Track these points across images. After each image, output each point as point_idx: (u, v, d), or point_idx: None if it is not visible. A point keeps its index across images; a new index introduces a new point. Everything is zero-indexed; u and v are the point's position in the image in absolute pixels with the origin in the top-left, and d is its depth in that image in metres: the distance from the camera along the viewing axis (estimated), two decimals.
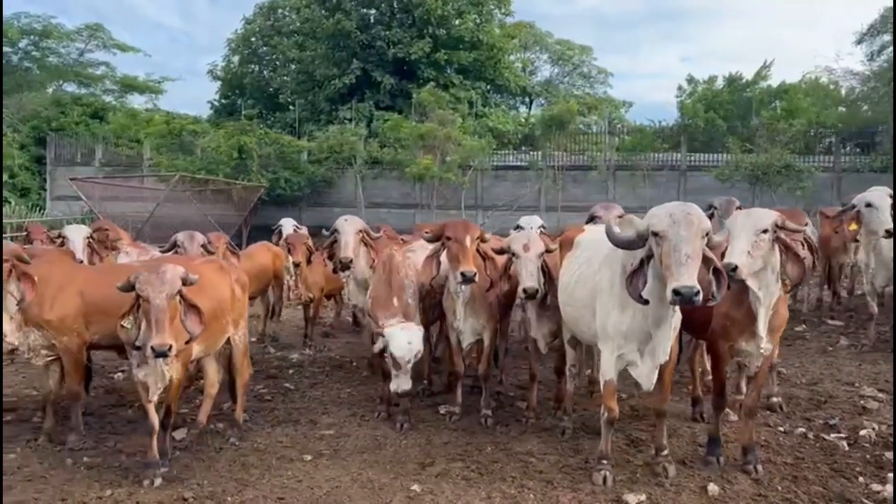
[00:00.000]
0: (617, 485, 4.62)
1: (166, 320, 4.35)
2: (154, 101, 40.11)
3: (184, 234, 7.56)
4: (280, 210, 22.84)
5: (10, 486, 4.83)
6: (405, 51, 29.24)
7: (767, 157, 20.39)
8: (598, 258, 4.76)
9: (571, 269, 5.22)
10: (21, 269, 5.22)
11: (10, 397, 7.09)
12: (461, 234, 5.46)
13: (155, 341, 4.29)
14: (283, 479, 4.93)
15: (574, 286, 5.08)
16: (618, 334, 4.46)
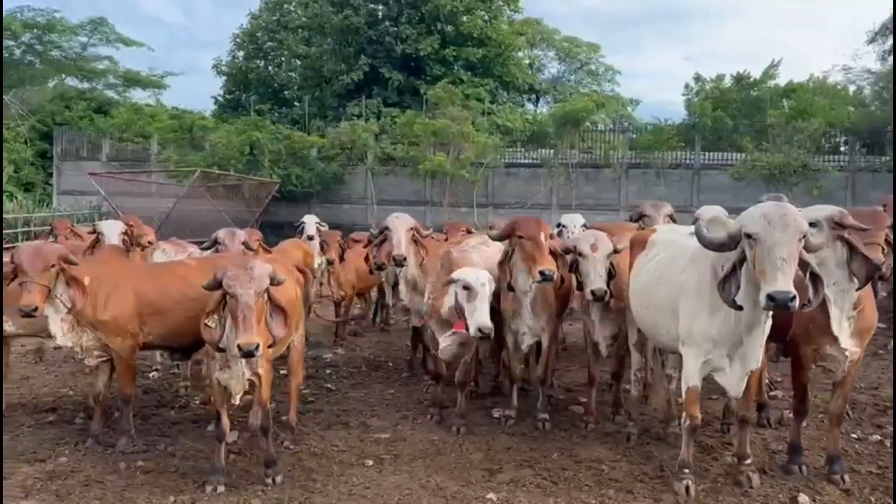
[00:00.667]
0: (700, 494, 4.47)
1: (254, 318, 4.15)
2: (157, 96, 39.87)
3: (224, 231, 7.40)
4: (290, 207, 22.67)
5: (69, 490, 4.68)
6: (413, 47, 29.02)
7: (784, 157, 20.27)
8: (682, 259, 4.61)
9: (648, 270, 5.05)
10: (69, 273, 5.01)
11: (46, 397, 6.96)
12: (535, 231, 5.28)
13: (242, 339, 4.09)
14: (349, 486, 4.77)
15: (653, 288, 4.90)
16: (706, 339, 4.30)
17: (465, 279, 5.07)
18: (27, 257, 4.80)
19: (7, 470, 5.00)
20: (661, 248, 5.09)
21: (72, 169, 27.03)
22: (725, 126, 26.80)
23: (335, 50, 30.57)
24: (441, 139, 21.89)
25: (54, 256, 4.90)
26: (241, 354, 4.13)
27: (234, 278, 4.21)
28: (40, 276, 4.77)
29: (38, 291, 4.74)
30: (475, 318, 4.91)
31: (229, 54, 35.99)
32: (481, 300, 4.94)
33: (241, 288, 4.17)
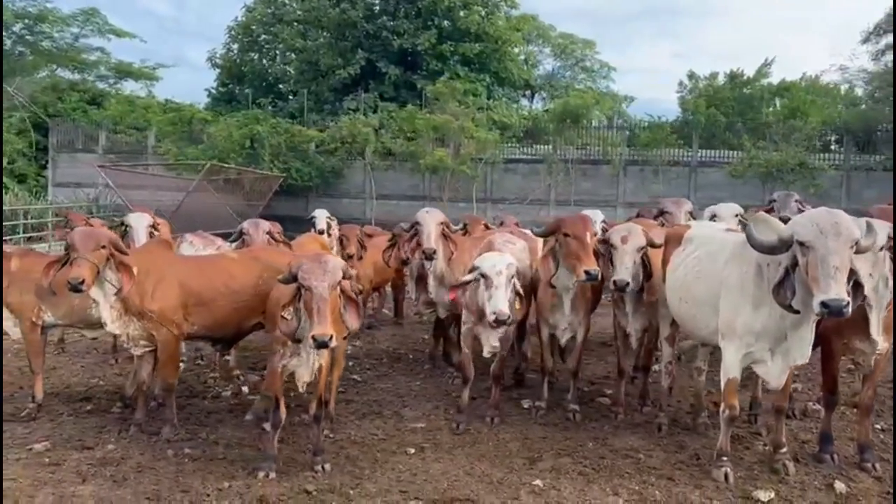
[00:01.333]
0: (738, 481, 4.64)
1: (328, 310, 4.28)
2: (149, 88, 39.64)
3: (249, 222, 7.52)
4: (289, 200, 22.73)
5: (124, 476, 4.79)
6: (411, 42, 29.07)
7: (782, 155, 20.54)
8: (723, 254, 4.76)
9: (686, 265, 5.18)
10: (119, 259, 5.16)
11: (78, 387, 7.05)
12: (581, 230, 5.41)
13: (316, 331, 4.21)
14: (396, 473, 4.91)
15: (693, 282, 5.03)
16: (748, 333, 4.45)
17: (480, 267, 5.24)
18: (80, 237, 5.04)
19: (57, 456, 5.11)
20: (698, 244, 5.21)
21: (67, 161, 26.93)
22: (719, 124, 27.03)
23: (332, 44, 30.54)
24: (442, 134, 21.98)
25: (106, 239, 5.09)
26: (315, 346, 4.25)
27: (309, 272, 4.34)
28: (91, 254, 4.95)
29: (87, 267, 4.92)
30: (491, 305, 5.06)
31: (224, 47, 35.88)
32: (497, 287, 5.08)
33: (316, 281, 4.30)
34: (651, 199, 21.98)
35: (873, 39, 26.19)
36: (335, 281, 4.40)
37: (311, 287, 4.32)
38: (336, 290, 4.44)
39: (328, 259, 4.50)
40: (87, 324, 6.26)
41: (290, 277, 4.47)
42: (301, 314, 4.50)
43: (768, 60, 33.16)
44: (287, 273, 4.53)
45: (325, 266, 4.40)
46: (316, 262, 4.42)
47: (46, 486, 4.62)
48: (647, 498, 4.48)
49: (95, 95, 33.21)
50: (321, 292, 4.30)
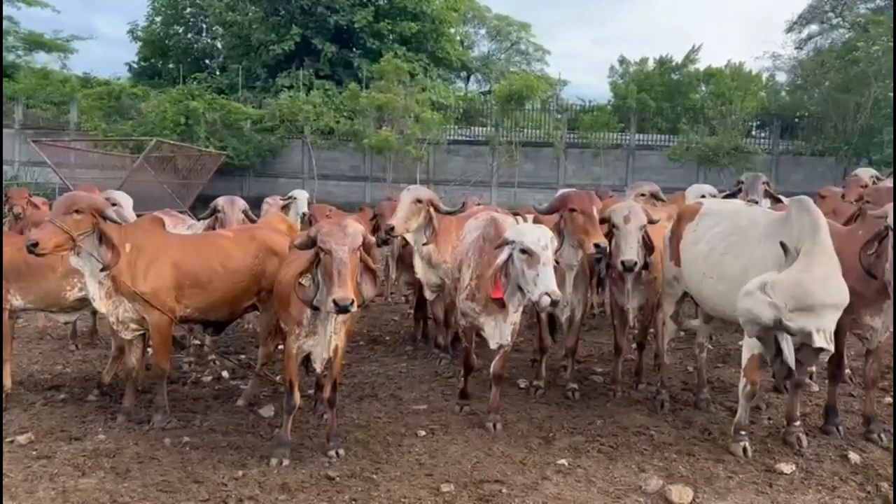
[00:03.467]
0: (756, 455, 4.72)
1: (349, 274, 4.08)
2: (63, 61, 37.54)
3: (224, 199, 7.15)
4: (224, 180, 21.94)
5: (126, 468, 4.48)
6: (347, 19, 28.51)
7: (718, 139, 21.17)
8: (756, 231, 4.78)
9: (708, 240, 5.13)
10: (102, 229, 4.77)
11: (42, 374, 6.64)
12: (588, 204, 5.34)
13: (338, 294, 3.98)
14: (414, 455, 4.78)
15: (719, 258, 4.99)
16: None
17: (523, 241, 4.54)
18: (58, 201, 4.71)
19: (46, 448, 4.77)
20: (719, 219, 5.19)
21: None
22: (650, 108, 27.59)
23: (264, 18, 29.61)
24: (385, 114, 21.67)
25: (85, 204, 4.71)
26: (336, 310, 4.03)
27: (329, 235, 4.14)
28: (61, 217, 4.59)
29: (50, 231, 4.55)
30: (541, 285, 4.39)
31: (146, 19, 34.36)
32: (545, 264, 4.46)
33: (337, 244, 4.10)
34: (591, 181, 22.37)
35: (797, 28, 27.28)
36: (356, 245, 4.22)
37: (331, 250, 4.11)
38: (356, 255, 4.25)
39: (348, 223, 4.31)
40: (60, 308, 5.85)
41: (309, 242, 4.26)
42: (319, 281, 4.30)
43: (695, 47, 34.03)
44: (304, 238, 4.32)
45: (346, 230, 4.21)
46: (336, 226, 4.23)
47: (43, 481, 4.28)
48: (674, 473, 4.49)
49: (6, 67, 31.18)
50: (342, 256, 4.11)
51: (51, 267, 5.55)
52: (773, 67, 27.66)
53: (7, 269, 5.51)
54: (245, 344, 7.85)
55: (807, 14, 26.78)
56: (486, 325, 5.19)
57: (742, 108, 22.48)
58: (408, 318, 9.10)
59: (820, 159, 22.12)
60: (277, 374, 6.43)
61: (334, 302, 4.01)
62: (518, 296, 4.73)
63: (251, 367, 6.87)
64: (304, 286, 4.30)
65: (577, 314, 6.02)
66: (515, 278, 4.64)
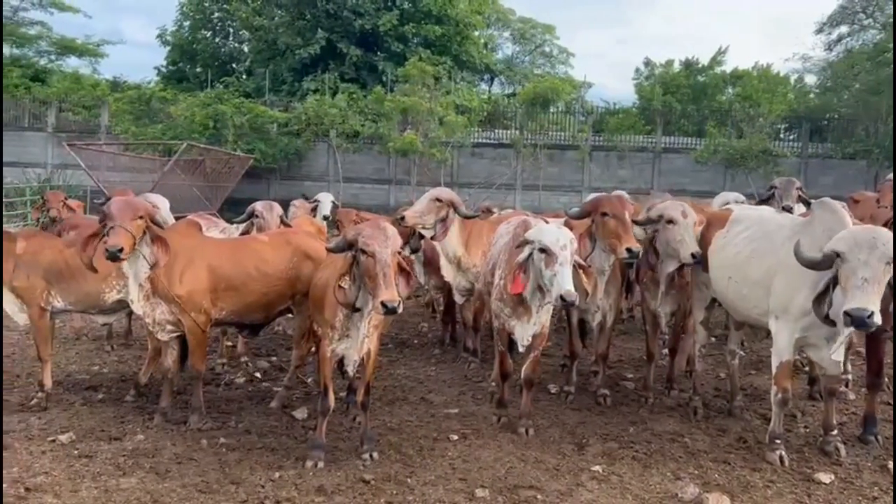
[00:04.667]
0: (793, 464, 4.68)
1: (392, 276, 4.12)
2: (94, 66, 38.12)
3: (262, 204, 7.24)
4: (251, 183, 22.13)
5: (166, 468, 4.55)
6: (372, 22, 28.66)
7: (746, 141, 20.97)
8: (781, 234, 4.78)
9: (736, 244, 5.14)
10: (155, 232, 4.91)
11: (80, 374, 6.75)
12: (619, 209, 5.33)
13: (386, 296, 4.01)
14: (447, 459, 4.80)
15: (745, 262, 4.99)
16: (804, 314, 4.45)
17: (541, 241, 4.67)
18: (117, 206, 4.79)
19: (87, 448, 4.85)
20: (748, 224, 5.20)
21: (13, 140, 25.67)
22: (675, 110, 27.41)
23: (290, 22, 29.89)
24: (410, 117, 21.74)
25: (143, 209, 4.85)
26: (384, 312, 4.07)
27: (371, 237, 4.17)
28: (129, 223, 4.72)
29: (124, 235, 4.67)
30: (557, 285, 4.50)
31: (175, 24, 34.80)
32: (562, 264, 4.54)
33: (380, 247, 4.14)
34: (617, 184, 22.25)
35: (826, 30, 26.95)
36: (396, 247, 4.26)
37: (374, 253, 4.15)
38: (396, 256, 4.28)
39: (387, 226, 4.35)
40: (99, 309, 5.96)
41: (346, 245, 4.30)
42: (358, 284, 4.34)
43: (722, 49, 33.76)
44: (341, 241, 4.37)
45: (386, 232, 4.25)
46: (377, 229, 4.27)
47: (85, 480, 4.36)
48: (710, 482, 4.47)
49: (39, 72, 31.78)
50: (385, 258, 4.14)
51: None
52: (803, 69, 27.36)
53: (49, 270, 5.63)
54: (276, 346, 7.92)
55: (837, 15, 26.42)
56: (515, 326, 5.22)
57: (771, 110, 22.22)
58: (433, 322, 9.14)
59: (850, 163, 21.84)
60: (309, 376, 6.50)
61: (383, 304, 4.04)
62: (538, 295, 4.84)
63: (283, 370, 6.97)
64: (344, 289, 4.35)
65: (608, 319, 6.01)
66: (535, 277, 4.73)
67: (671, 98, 29.00)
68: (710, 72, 33.74)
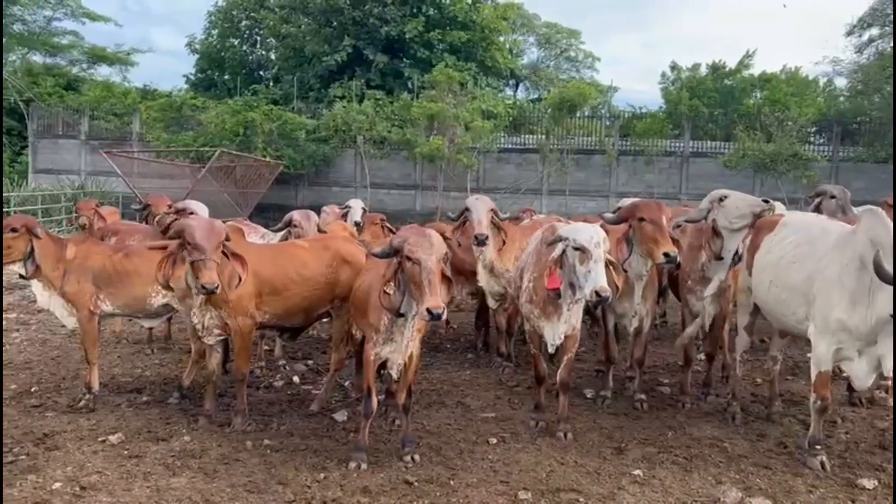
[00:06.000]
0: (835, 469, 4.68)
1: (438, 283, 4.19)
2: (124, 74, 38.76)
3: (299, 213, 7.36)
4: (279, 189, 22.40)
5: (214, 468, 4.67)
6: (398, 29, 28.82)
7: (776, 145, 20.78)
8: (824, 243, 4.76)
9: (780, 248, 5.12)
10: (230, 249, 5.01)
11: (123, 377, 6.88)
12: (657, 214, 5.35)
13: (430, 303, 4.08)
14: (489, 462, 4.86)
15: (787, 267, 4.98)
16: (841, 328, 4.41)
17: (576, 238, 4.77)
18: (203, 234, 4.79)
19: (136, 448, 4.97)
20: (794, 229, 5.18)
21: (48, 147, 26.23)
22: (702, 114, 27.22)
23: (317, 30, 30.16)
24: (437, 123, 21.84)
25: (224, 234, 4.93)
26: (429, 318, 4.13)
27: (417, 244, 4.25)
28: (216, 253, 4.79)
29: (216, 270, 4.74)
30: (591, 281, 4.59)
31: (203, 32, 35.30)
32: (596, 261, 4.65)
33: (425, 254, 4.21)
34: (644, 189, 22.20)
35: (857, 32, 26.65)
36: (441, 254, 4.33)
37: (419, 260, 4.22)
38: (441, 263, 4.35)
39: (431, 233, 4.42)
40: (146, 313, 6.10)
41: (391, 252, 4.38)
42: (403, 290, 4.41)
43: (749, 52, 33.46)
44: (387, 247, 4.45)
45: (431, 239, 4.32)
46: (422, 236, 4.34)
47: (137, 479, 4.48)
48: (752, 486, 4.48)
49: (71, 80, 32.38)
50: (430, 265, 4.21)
51: (138, 273, 5.82)
52: (833, 72, 27.03)
53: (98, 275, 5.78)
54: (312, 350, 8.03)
55: (867, 17, 26.12)
56: (544, 328, 5.30)
57: (801, 113, 22.00)
58: (467, 326, 9.19)
59: (882, 166, 21.57)
60: (346, 379, 6.59)
61: (428, 311, 4.11)
62: (569, 292, 4.89)
63: (320, 373, 7.08)
64: (389, 294, 4.42)
65: (645, 324, 6.04)
66: (568, 274, 4.80)
67: (698, 102, 28.82)
68: (737, 75, 33.46)
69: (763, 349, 8.12)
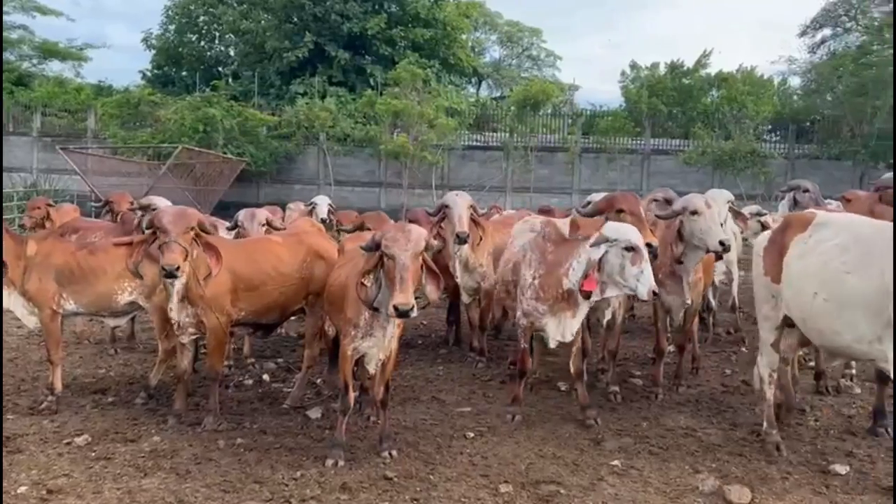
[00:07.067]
0: (808, 456, 4.76)
1: (410, 280, 4.12)
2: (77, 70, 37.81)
3: (244, 212, 7.19)
4: (240, 187, 22.05)
5: (186, 469, 4.55)
6: (360, 26, 28.65)
7: (734, 143, 21.16)
8: (881, 242, 4.08)
9: (826, 253, 4.35)
10: (205, 240, 4.90)
11: (86, 378, 6.70)
12: (636, 206, 5.36)
13: (398, 300, 4.03)
14: (467, 457, 4.83)
15: (840, 277, 4.19)
16: None
17: (629, 239, 4.66)
18: (169, 217, 4.71)
19: (104, 450, 4.83)
20: (835, 231, 4.42)
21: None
22: (661, 113, 27.53)
23: (277, 26, 29.82)
24: (401, 120, 21.76)
25: (195, 220, 4.81)
26: (397, 315, 4.09)
27: (392, 240, 4.19)
28: (183, 237, 4.67)
29: (180, 252, 4.62)
30: (645, 281, 4.58)
31: (160, 28, 34.64)
32: (647, 261, 4.63)
33: (399, 249, 4.15)
34: (606, 186, 22.37)
35: (810, 33, 27.28)
36: (418, 250, 4.27)
37: (393, 255, 4.16)
38: (419, 260, 4.30)
39: (412, 228, 4.36)
40: (111, 311, 5.93)
41: (373, 245, 4.32)
42: (381, 284, 4.35)
43: (706, 51, 33.89)
44: (370, 241, 4.38)
45: (409, 235, 4.26)
46: (400, 231, 4.29)
47: (107, 481, 4.35)
48: (728, 474, 4.53)
49: (22, 76, 31.48)
50: (404, 261, 4.15)
51: (103, 270, 5.65)
52: (789, 71, 27.62)
53: (61, 273, 5.60)
54: (280, 348, 7.91)
55: (820, 18, 26.78)
56: (548, 324, 5.24)
57: (757, 112, 22.45)
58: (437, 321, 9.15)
59: (836, 163, 22.12)
60: (318, 376, 6.50)
61: (395, 307, 4.06)
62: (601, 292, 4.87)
63: (290, 371, 6.98)
64: (366, 287, 4.36)
65: (618, 316, 6.07)
66: (610, 274, 4.73)
67: (657, 100, 29.20)
68: (695, 74, 33.99)
69: (730, 341, 8.29)
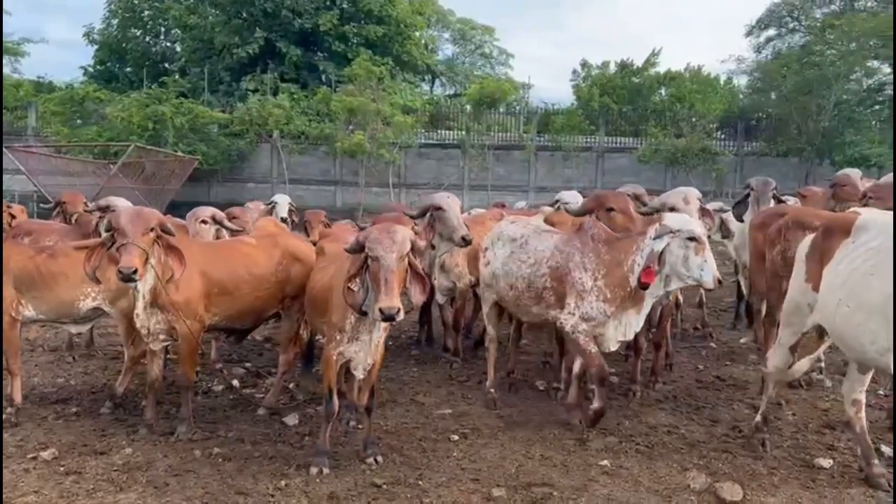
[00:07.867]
0: (792, 451, 4.81)
1: (395, 282, 3.98)
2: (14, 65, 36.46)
3: (190, 213, 6.96)
4: (191, 186, 21.51)
5: (165, 481, 4.35)
6: (312, 22, 28.36)
7: (687, 141, 21.55)
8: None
9: (854, 258, 4.06)
10: (167, 242, 4.69)
11: (46, 388, 6.41)
12: (626, 204, 5.33)
13: (384, 303, 3.88)
14: (454, 460, 4.74)
15: (863, 281, 3.90)
16: None
17: (692, 230, 4.58)
18: (127, 218, 4.49)
19: (74, 464, 4.59)
20: (876, 232, 4.07)
21: None
22: (612, 111, 27.89)
23: (227, 21, 29.26)
24: (357, 117, 21.52)
25: (154, 220, 4.57)
26: (382, 318, 3.95)
27: (376, 241, 4.05)
28: (141, 238, 4.45)
29: (138, 254, 4.40)
30: (709, 270, 4.51)
31: (103, 22, 33.64)
32: (709, 251, 4.58)
33: (384, 251, 4.02)
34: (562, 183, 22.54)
35: (756, 32, 27.98)
36: (404, 252, 4.14)
37: (378, 257, 4.03)
38: (404, 262, 4.19)
39: (397, 229, 4.23)
40: (73, 318, 5.65)
41: (357, 247, 4.18)
42: (367, 287, 4.22)
43: (656, 50, 34.45)
44: (354, 243, 4.23)
45: (394, 236, 4.12)
46: (384, 233, 4.14)
47: (80, 498, 4.13)
48: (717, 471, 4.53)
49: None
50: (388, 263, 4.02)
51: (65, 276, 5.39)
52: (738, 70, 28.27)
53: (19, 279, 5.32)
54: (248, 352, 7.69)
55: (765, 18, 27.50)
56: (609, 326, 5.00)
57: (707, 110, 22.91)
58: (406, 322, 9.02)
59: (784, 160, 22.72)
60: (290, 381, 6.34)
61: (380, 310, 3.93)
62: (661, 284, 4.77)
63: (260, 375, 6.79)
64: (353, 291, 4.22)
65: None
66: (673, 265, 4.63)
67: (608, 99, 29.56)
68: (644, 73, 34.53)
69: (698, 336, 8.38)
